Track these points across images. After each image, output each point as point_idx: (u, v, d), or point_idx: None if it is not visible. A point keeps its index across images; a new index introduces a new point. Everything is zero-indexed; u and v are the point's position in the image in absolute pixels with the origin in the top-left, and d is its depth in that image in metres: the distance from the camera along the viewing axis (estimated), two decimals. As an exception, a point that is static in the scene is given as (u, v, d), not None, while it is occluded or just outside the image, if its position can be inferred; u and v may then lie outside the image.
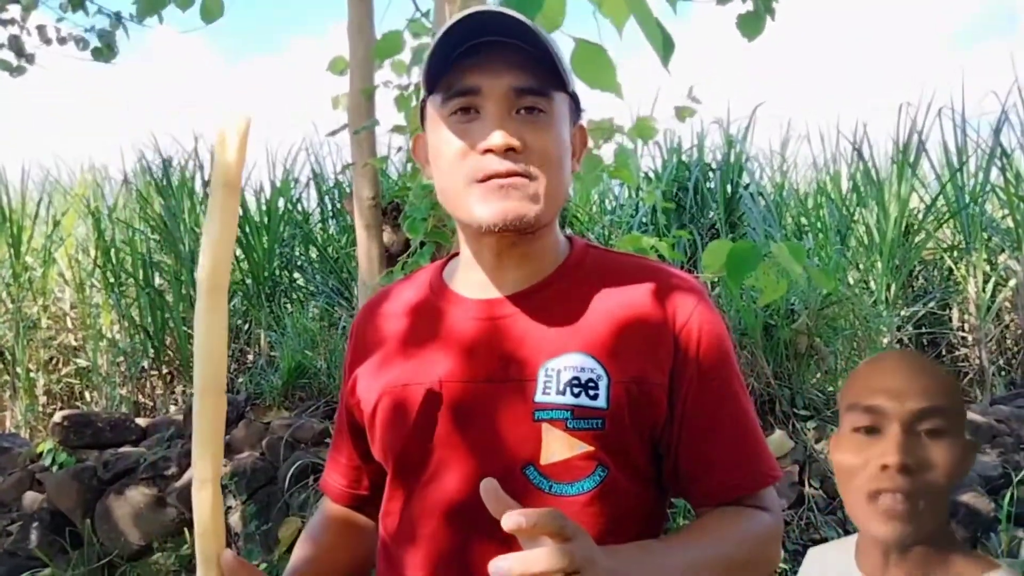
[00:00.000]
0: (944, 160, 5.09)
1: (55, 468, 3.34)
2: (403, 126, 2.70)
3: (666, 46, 1.55)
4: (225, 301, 0.82)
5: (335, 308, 4.57)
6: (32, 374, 4.97)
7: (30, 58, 3.87)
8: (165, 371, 4.88)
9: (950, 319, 4.94)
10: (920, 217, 4.99)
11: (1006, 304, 4.89)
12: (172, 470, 3.30)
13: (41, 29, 3.90)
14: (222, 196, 0.80)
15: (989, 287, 4.69)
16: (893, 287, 4.60)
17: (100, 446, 3.48)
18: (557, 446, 0.85)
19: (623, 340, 0.88)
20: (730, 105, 8.70)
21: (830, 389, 3.65)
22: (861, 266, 4.83)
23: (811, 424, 3.39)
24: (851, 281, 4.64)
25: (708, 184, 4.89)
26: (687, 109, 2.74)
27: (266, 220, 4.98)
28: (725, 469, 0.89)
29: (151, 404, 4.93)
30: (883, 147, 8.92)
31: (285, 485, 3.14)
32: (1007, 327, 4.94)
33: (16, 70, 3.86)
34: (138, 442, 3.56)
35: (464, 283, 0.96)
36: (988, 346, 4.64)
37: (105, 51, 3.74)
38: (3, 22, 3.77)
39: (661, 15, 1.68)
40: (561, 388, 0.85)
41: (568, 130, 0.91)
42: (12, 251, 5.02)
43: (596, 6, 1.80)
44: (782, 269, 2.06)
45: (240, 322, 5.01)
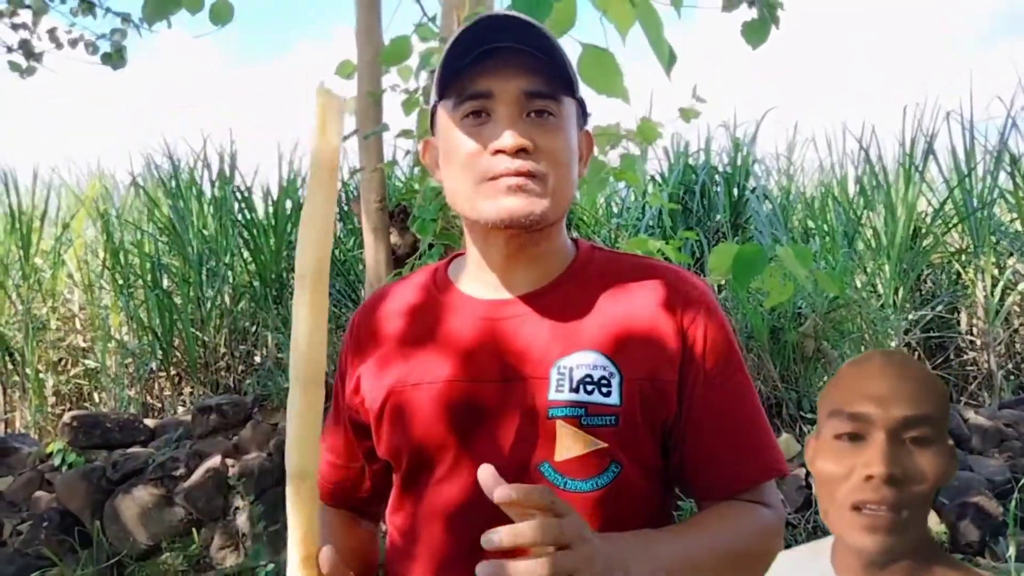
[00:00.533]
0: (952, 164, 5.08)
1: (64, 468, 3.37)
2: (410, 130, 2.71)
3: (670, 56, 1.56)
4: (326, 289, 0.81)
5: (342, 310, 4.58)
6: (41, 375, 5.00)
7: (39, 57, 3.89)
8: (173, 372, 4.91)
9: (958, 323, 4.93)
10: (928, 221, 4.98)
11: (1015, 308, 4.87)
12: (180, 471, 3.31)
13: (52, 32, 3.93)
14: (323, 178, 0.78)
15: (997, 291, 4.68)
16: (901, 291, 4.58)
17: (109, 447, 3.50)
18: (571, 443, 0.86)
19: (633, 339, 0.89)
20: (736, 109, 8.72)
21: (837, 393, 3.64)
22: (868, 269, 4.82)
23: (818, 428, 3.38)
24: (858, 284, 4.63)
25: (715, 187, 4.89)
26: (691, 110, 2.74)
27: (273, 222, 4.99)
28: (728, 462, 0.90)
29: (159, 405, 4.96)
30: (891, 150, 8.89)
31: (292, 486, 3.15)
32: (1016, 331, 4.92)
33: (26, 71, 3.89)
34: (147, 443, 3.58)
35: (472, 283, 0.96)
36: (997, 350, 4.62)
37: (115, 57, 3.76)
38: (14, 26, 3.80)
39: (665, 19, 1.69)
40: (574, 386, 0.87)
41: (576, 134, 0.93)
42: (22, 253, 5.05)
43: (602, 12, 1.80)
44: (788, 272, 2.06)
45: (248, 324, 5.04)
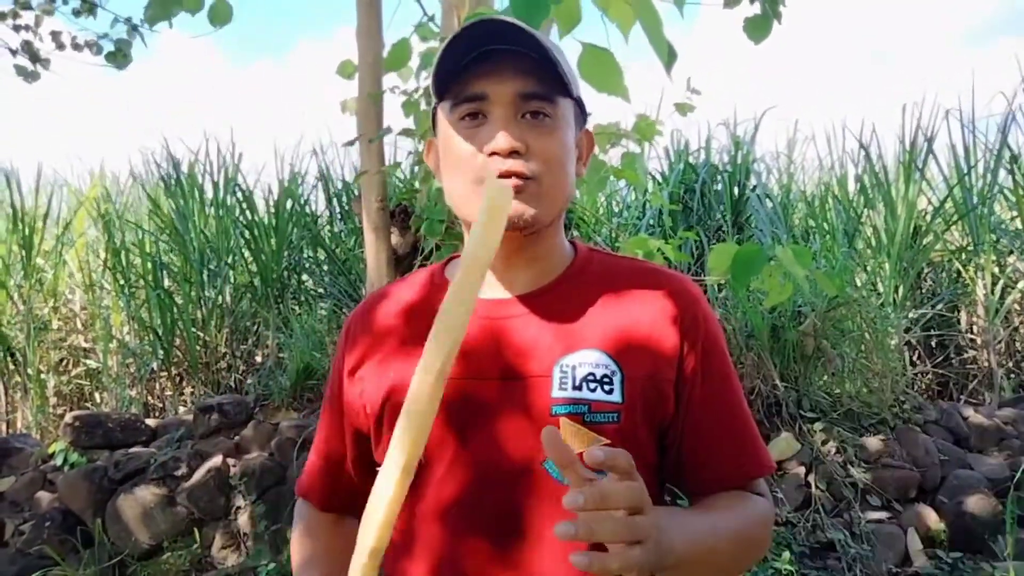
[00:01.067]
0: (952, 161, 5.08)
1: (66, 468, 3.38)
2: (411, 130, 2.72)
3: (670, 54, 1.57)
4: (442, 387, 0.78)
5: (343, 310, 4.59)
6: (43, 375, 5.01)
7: (45, 63, 3.90)
8: (174, 372, 4.92)
9: (958, 321, 4.93)
10: (928, 219, 4.98)
11: (1015, 307, 4.87)
12: (182, 470, 3.32)
13: (55, 35, 3.94)
14: (474, 277, 0.77)
15: (998, 289, 4.68)
16: (901, 289, 4.59)
17: (111, 446, 3.51)
18: (574, 440, 0.87)
19: (633, 339, 0.91)
20: (737, 107, 8.72)
21: (837, 391, 3.64)
22: (869, 268, 4.82)
23: (818, 426, 3.39)
24: (859, 283, 4.63)
25: (715, 186, 4.89)
26: (686, 105, 2.76)
27: (274, 222, 5.00)
28: (726, 460, 0.94)
29: (160, 405, 4.97)
30: (891, 148, 8.89)
31: (294, 486, 3.16)
32: (1016, 330, 4.92)
33: (31, 75, 3.90)
34: (148, 443, 3.59)
35: None
36: (997, 348, 4.62)
37: (119, 56, 3.77)
38: (16, 27, 3.80)
39: (667, 16, 1.70)
40: (577, 383, 0.88)
41: (573, 135, 0.94)
42: (24, 252, 5.06)
43: (603, 11, 1.81)
44: (787, 272, 2.07)
45: (248, 323, 5.05)
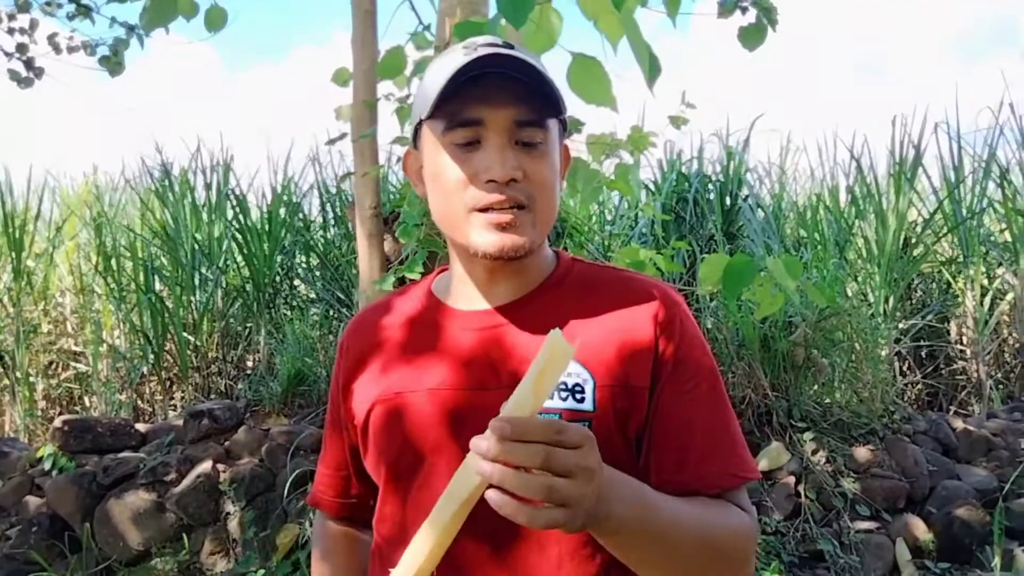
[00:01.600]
0: (942, 174, 5.12)
1: (55, 473, 3.36)
2: (404, 137, 2.73)
3: (652, 68, 1.58)
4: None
5: (335, 316, 4.59)
6: (32, 378, 4.98)
7: (39, 72, 3.90)
8: (164, 377, 4.90)
9: (948, 332, 4.96)
10: (918, 230, 5.02)
11: (1004, 318, 4.91)
12: (172, 475, 3.31)
13: (51, 38, 3.93)
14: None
15: (987, 301, 4.72)
16: (891, 300, 4.62)
17: (100, 451, 3.49)
18: None
19: (607, 347, 0.92)
20: (729, 117, 8.77)
21: (827, 401, 3.66)
22: (859, 278, 4.85)
23: (808, 436, 3.40)
24: (849, 293, 4.66)
25: (707, 196, 4.92)
26: (679, 117, 2.78)
27: (267, 227, 5.00)
28: (696, 464, 0.90)
29: (150, 409, 4.95)
30: (882, 160, 8.95)
31: (284, 492, 3.15)
32: (1005, 341, 4.96)
33: (24, 82, 3.90)
34: (138, 447, 3.57)
35: (456, 296, 1.00)
36: (985, 359, 4.66)
37: (113, 61, 3.77)
38: (11, 30, 3.80)
39: (660, 26, 1.72)
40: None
41: (559, 153, 0.95)
42: (14, 254, 5.04)
43: (593, 21, 1.84)
44: (778, 283, 2.08)
45: (240, 328, 5.04)
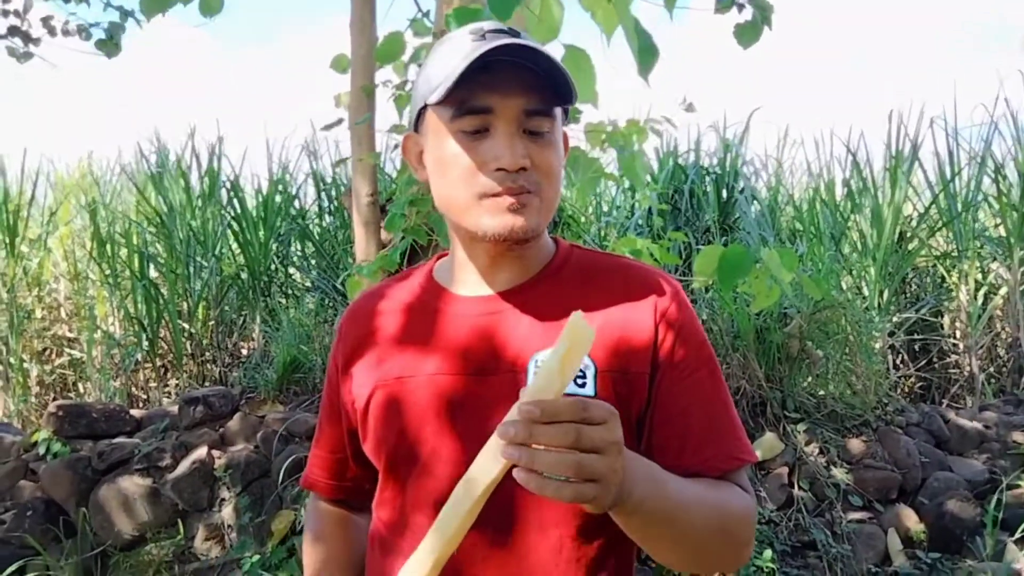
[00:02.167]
0: (937, 169, 5.13)
1: (49, 458, 3.35)
2: (402, 126, 2.72)
3: (645, 57, 1.59)
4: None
5: (330, 304, 4.58)
6: (25, 364, 4.97)
7: (36, 41, 3.87)
8: (159, 363, 4.89)
9: (942, 326, 4.98)
10: (913, 224, 5.03)
11: (997, 312, 4.93)
12: (167, 461, 3.31)
13: (46, 20, 3.91)
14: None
15: (980, 295, 4.74)
16: (886, 293, 4.63)
17: (95, 436, 3.48)
18: None
19: (607, 333, 0.93)
20: (726, 109, 8.77)
21: (821, 393, 3.68)
22: (854, 272, 4.87)
23: (801, 427, 3.42)
24: (844, 286, 4.67)
25: (704, 188, 4.92)
26: (672, 120, 2.77)
27: (263, 214, 4.99)
28: (697, 447, 0.92)
29: (144, 396, 4.94)
30: (878, 154, 8.97)
31: (279, 478, 3.15)
32: (998, 335, 4.98)
33: (23, 56, 3.87)
34: (132, 433, 3.57)
35: (457, 282, 1.00)
36: (979, 353, 4.68)
37: (110, 44, 3.74)
38: (5, 12, 3.77)
39: (656, 19, 1.73)
40: None
41: (561, 140, 0.96)
42: (8, 240, 5.01)
43: (591, 15, 1.85)
44: (774, 276, 2.09)
45: (235, 316, 5.03)
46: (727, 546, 0.89)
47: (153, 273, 5.04)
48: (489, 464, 0.73)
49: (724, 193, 4.86)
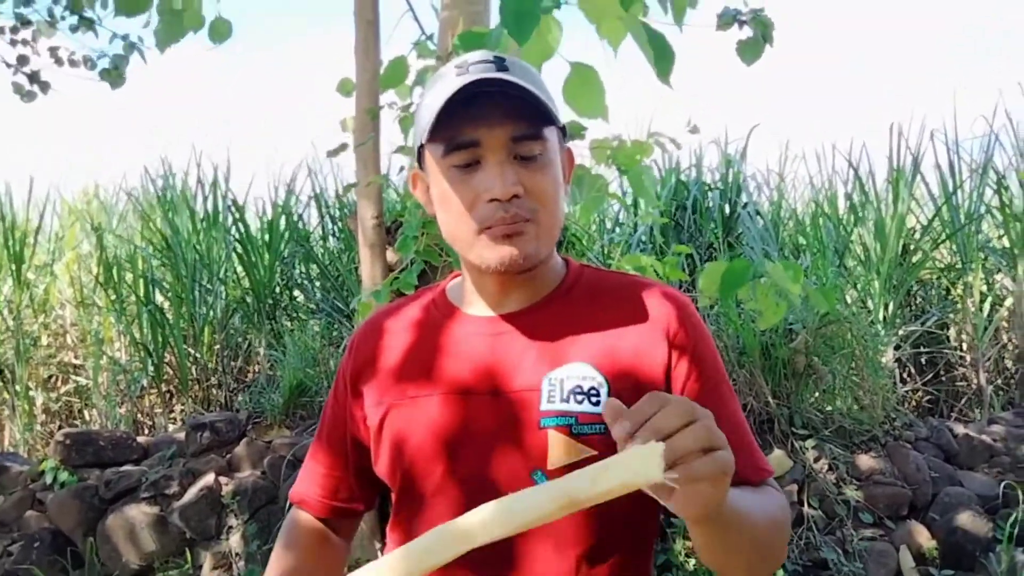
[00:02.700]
0: (940, 181, 5.14)
1: (56, 487, 3.35)
2: (407, 147, 2.74)
3: (663, 63, 1.59)
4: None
5: (336, 326, 4.58)
6: (31, 392, 4.97)
7: (44, 86, 3.92)
8: (164, 389, 4.88)
9: (948, 339, 4.96)
10: (917, 237, 5.03)
11: (1003, 324, 4.91)
12: (174, 488, 3.30)
13: (53, 50, 3.95)
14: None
15: (986, 306, 4.72)
16: (891, 306, 4.62)
17: (101, 464, 3.48)
18: (563, 451, 0.89)
19: (620, 350, 0.93)
20: (728, 125, 8.80)
21: (828, 408, 3.66)
22: (859, 285, 4.86)
23: (810, 443, 3.40)
24: (849, 300, 4.67)
25: (706, 203, 4.93)
26: (675, 141, 2.78)
27: (267, 237, 5.00)
28: None
29: (149, 422, 4.93)
30: (880, 167, 8.99)
31: (286, 505, 3.14)
32: (1004, 347, 4.96)
33: (28, 95, 3.91)
34: (139, 461, 3.56)
35: (469, 302, 1.01)
36: (986, 365, 4.66)
37: (114, 74, 3.79)
38: (13, 42, 3.81)
39: (662, 28, 1.73)
40: (565, 396, 0.90)
41: (560, 160, 0.96)
42: (14, 266, 5.03)
43: (596, 27, 1.85)
44: (781, 291, 2.08)
45: (240, 340, 5.03)
46: (781, 547, 0.91)
47: (158, 298, 5.05)
48: (543, 502, 0.70)
49: (727, 208, 4.87)
